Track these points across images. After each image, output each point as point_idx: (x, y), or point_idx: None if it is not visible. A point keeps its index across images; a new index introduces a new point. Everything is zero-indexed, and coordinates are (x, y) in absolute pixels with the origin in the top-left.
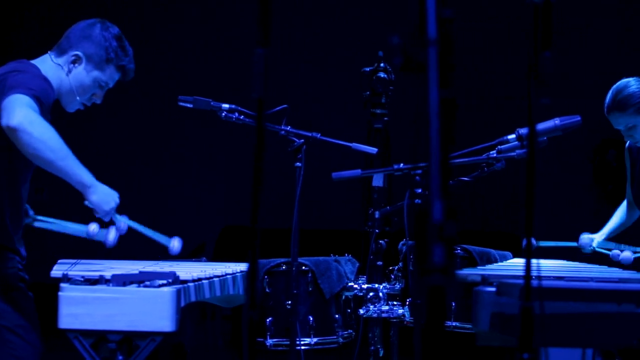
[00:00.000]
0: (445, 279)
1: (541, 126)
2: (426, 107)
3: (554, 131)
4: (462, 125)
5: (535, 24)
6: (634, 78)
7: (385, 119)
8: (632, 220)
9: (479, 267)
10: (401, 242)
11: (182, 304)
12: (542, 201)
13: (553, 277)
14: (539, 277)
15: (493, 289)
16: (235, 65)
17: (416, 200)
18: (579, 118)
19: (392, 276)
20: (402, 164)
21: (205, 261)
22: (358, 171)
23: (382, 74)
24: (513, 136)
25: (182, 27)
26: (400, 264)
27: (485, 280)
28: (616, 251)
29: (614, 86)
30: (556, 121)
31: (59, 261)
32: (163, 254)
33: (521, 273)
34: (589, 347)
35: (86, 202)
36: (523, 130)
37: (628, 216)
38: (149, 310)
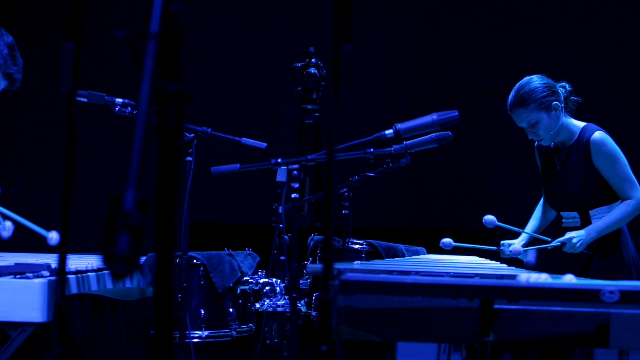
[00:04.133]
0: (129, 268)
1: (419, 121)
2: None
3: (432, 126)
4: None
5: (336, 17)
6: (538, 75)
7: (317, 114)
8: (549, 220)
9: (345, 263)
10: (310, 238)
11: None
12: (511, 198)
13: (405, 271)
14: (392, 272)
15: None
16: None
17: (293, 195)
18: (456, 113)
19: (305, 271)
20: (280, 159)
21: None
22: (237, 166)
23: (313, 70)
24: (391, 131)
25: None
26: (310, 259)
27: (341, 274)
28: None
29: (518, 83)
30: (434, 116)
31: None
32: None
33: (387, 268)
34: (431, 342)
35: None
36: (401, 126)
37: (544, 217)
38: (21, 301)
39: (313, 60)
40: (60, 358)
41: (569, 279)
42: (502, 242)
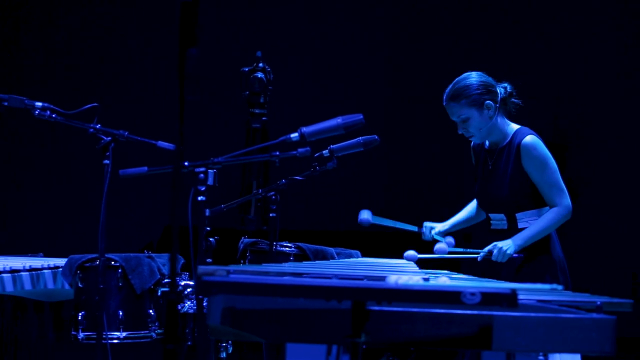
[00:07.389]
0: None
1: (324, 125)
2: None
3: (336, 129)
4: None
5: (182, 21)
6: (478, 72)
7: (264, 118)
8: (479, 217)
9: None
10: (240, 240)
11: None
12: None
13: (291, 273)
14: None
15: None
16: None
17: (199, 198)
18: (361, 116)
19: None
20: (186, 162)
21: (42, 256)
22: (144, 168)
23: (259, 74)
24: (296, 134)
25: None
26: (242, 261)
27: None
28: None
29: (457, 78)
30: (338, 120)
31: None
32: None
33: (284, 270)
34: (312, 343)
35: None
36: (305, 129)
37: (477, 213)
38: None
39: (260, 65)
40: None
41: (443, 281)
42: (425, 223)
